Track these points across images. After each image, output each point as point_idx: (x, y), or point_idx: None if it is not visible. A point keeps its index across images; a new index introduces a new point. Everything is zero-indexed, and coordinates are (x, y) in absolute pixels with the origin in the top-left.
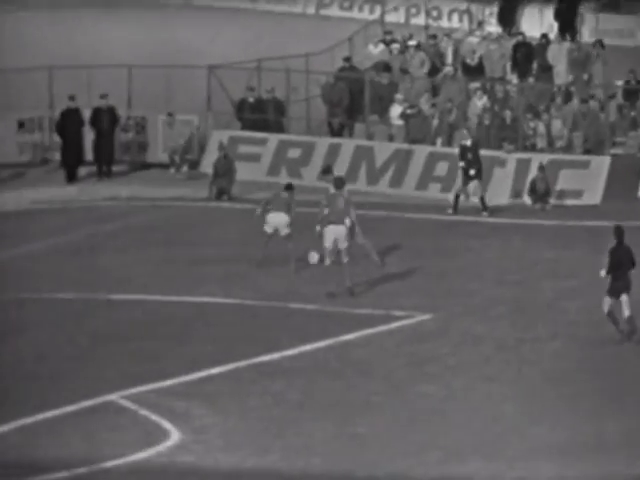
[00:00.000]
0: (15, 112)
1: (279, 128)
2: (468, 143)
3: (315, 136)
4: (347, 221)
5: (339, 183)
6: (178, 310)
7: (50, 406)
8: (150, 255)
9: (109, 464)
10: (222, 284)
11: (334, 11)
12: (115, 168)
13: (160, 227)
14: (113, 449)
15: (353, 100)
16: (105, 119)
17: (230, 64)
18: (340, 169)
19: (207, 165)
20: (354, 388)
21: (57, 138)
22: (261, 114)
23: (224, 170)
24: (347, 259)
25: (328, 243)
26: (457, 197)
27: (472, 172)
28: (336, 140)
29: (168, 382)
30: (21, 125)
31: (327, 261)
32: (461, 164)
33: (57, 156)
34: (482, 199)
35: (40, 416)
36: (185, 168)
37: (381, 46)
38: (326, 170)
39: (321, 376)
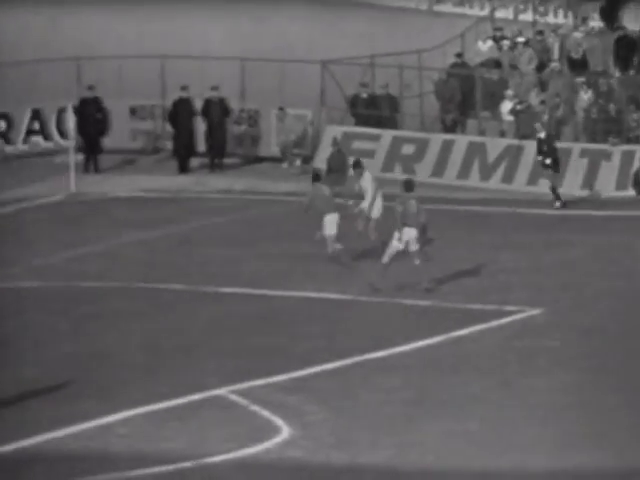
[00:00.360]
0: (128, 98)
1: (393, 124)
2: (542, 136)
3: (429, 132)
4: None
5: (409, 186)
6: (289, 305)
7: (158, 398)
8: (261, 249)
9: (216, 459)
10: (334, 280)
11: (447, 7)
12: (228, 161)
13: (272, 221)
14: (221, 444)
15: (465, 96)
16: (215, 111)
17: (343, 59)
18: (453, 165)
19: (320, 160)
20: (466, 383)
21: (169, 127)
22: (375, 110)
23: (337, 166)
24: (419, 261)
25: (401, 245)
26: (554, 190)
27: (548, 162)
28: (449, 136)
29: (279, 377)
30: (133, 112)
31: (385, 259)
32: (539, 157)
33: (169, 145)
34: (554, 190)
35: (147, 408)
36: (298, 163)
37: (490, 42)
38: (356, 164)
39: (434, 372)
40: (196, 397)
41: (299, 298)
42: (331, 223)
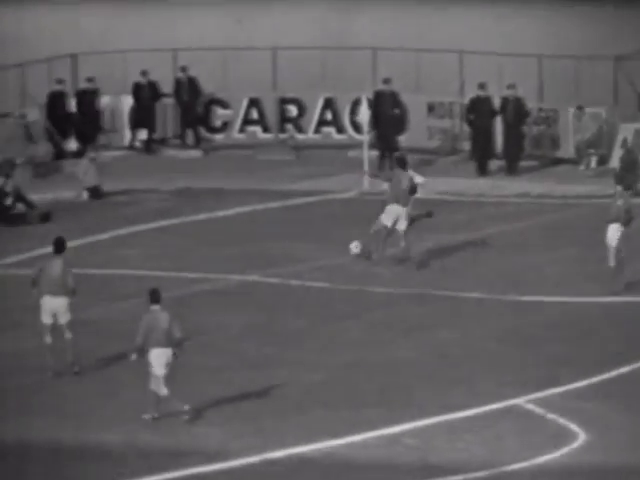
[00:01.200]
0: (425, 95)
1: None
2: None
3: None
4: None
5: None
6: (586, 311)
7: (451, 409)
8: (561, 255)
9: (512, 467)
10: (629, 284)
11: None
12: (526, 163)
13: (570, 226)
14: (516, 453)
15: None
16: (511, 110)
17: (636, 55)
18: None
19: (616, 160)
20: None
21: (467, 127)
22: None
23: (628, 166)
24: (614, 262)
25: (614, 242)
26: None
27: None
28: None
29: (576, 384)
30: (431, 109)
31: (611, 262)
32: None
33: (467, 146)
34: None
35: (439, 419)
36: (594, 164)
37: None
38: (400, 161)
39: None
40: (491, 407)
41: (595, 303)
42: (388, 213)
